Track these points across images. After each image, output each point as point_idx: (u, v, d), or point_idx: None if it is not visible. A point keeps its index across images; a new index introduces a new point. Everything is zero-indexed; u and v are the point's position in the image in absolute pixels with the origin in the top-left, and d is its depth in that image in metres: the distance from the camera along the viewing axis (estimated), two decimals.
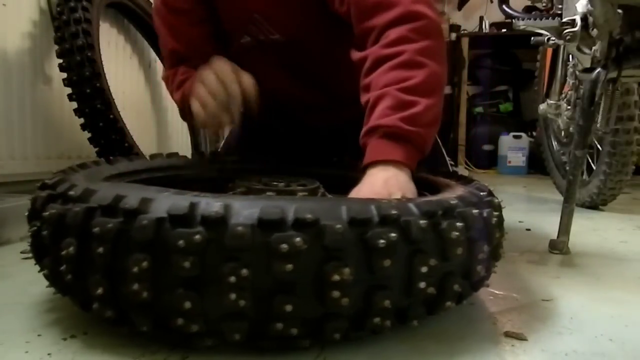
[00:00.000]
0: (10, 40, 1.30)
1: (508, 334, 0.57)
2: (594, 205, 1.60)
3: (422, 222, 0.49)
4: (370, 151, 0.71)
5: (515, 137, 3.20)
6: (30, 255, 0.93)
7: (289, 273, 0.44)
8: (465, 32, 3.49)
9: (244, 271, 0.44)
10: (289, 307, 0.45)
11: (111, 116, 1.38)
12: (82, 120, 1.38)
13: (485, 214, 0.56)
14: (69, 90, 1.35)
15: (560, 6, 1.29)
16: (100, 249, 0.47)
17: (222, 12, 0.97)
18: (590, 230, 1.26)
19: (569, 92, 1.48)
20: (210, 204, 0.46)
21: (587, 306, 0.68)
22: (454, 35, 3.41)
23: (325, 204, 0.49)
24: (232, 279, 0.44)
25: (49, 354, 0.50)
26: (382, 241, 0.46)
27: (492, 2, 3.31)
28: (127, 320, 0.48)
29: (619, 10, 0.94)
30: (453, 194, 0.60)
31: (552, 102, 1.60)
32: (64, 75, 1.34)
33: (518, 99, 3.60)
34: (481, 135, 3.43)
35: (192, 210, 0.46)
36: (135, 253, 0.46)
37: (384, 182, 0.65)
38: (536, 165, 3.00)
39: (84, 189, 0.52)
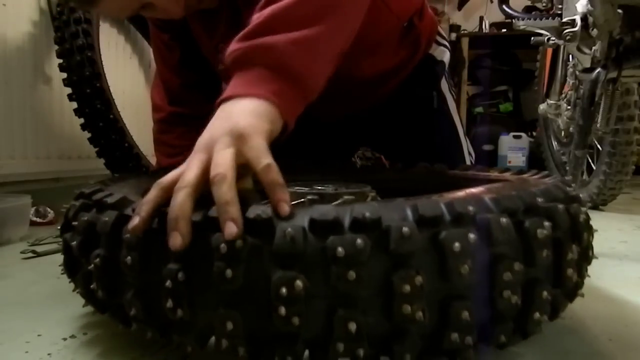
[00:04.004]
0: (10, 41, 1.30)
1: None
2: (594, 205, 1.60)
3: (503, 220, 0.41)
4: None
5: (515, 137, 3.20)
6: (30, 255, 0.94)
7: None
8: (465, 32, 3.49)
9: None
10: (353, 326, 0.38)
11: (111, 116, 1.38)
12: (82, 120, 1.38)
13: (572, 211, 0.48)
14: (69, 90, 1.35)
15: (560, 6, 1.29)
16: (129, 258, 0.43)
17: (198, 43, 0.99)
18: None
19: (569, 92, 1.47)
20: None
21: (587, 306, 0.68)
22: (454, 35, 3.41)
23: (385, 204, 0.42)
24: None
25: (49, 354, 0.50)
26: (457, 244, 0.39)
27: (492, 2, 3.31)
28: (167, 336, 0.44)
29: (619, 10, 0.94)
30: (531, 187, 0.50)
31: (552, 102, 1.59)
32: (64, 75, 1.34)
33: (518, 99, 3.59)
34: (481, 135, 3.42)
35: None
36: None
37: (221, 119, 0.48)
38: (536, 165, 2.99)
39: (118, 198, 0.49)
